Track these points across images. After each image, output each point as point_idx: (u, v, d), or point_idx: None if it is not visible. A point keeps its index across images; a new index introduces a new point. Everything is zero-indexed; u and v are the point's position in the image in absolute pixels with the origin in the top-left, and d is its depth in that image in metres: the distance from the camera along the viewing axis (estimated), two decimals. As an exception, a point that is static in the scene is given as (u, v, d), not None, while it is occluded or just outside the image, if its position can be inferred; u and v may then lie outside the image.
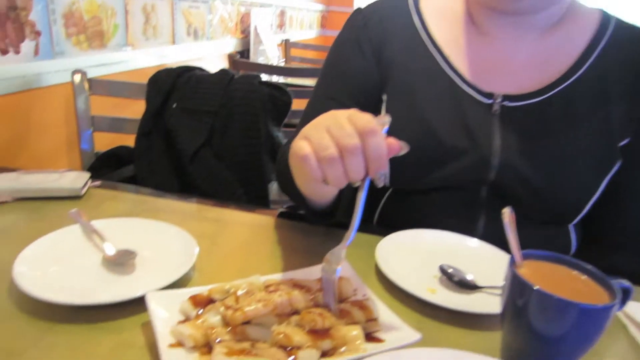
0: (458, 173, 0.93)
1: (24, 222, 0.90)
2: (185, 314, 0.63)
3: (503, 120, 0.93)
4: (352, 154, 0.60)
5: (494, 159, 0.91)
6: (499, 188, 0.93)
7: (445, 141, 0.93)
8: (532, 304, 0.56)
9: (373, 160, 0.61)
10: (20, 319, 0.63)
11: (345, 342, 0.59)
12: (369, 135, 0.60)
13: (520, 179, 0.91)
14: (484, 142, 0.92)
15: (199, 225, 0.93)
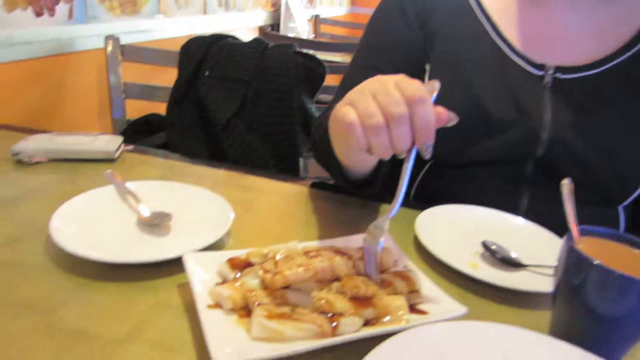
0: (504, 147, 0.89)
1: (58, 182, 0.90)
2: (222, 276, 0.61)
3: (555, 93, 0.88)
4: (399, 123, 0.57)
5: (544, 133, 0.87)
6: (546, 164, 0.89)
7: (491, 113, 0.88)
8: (591, 281, 0.52)
9: (420, 130, 0.57)
10: (57, 275, 0.63)
11: (388, 312, 0.57)
12: (417, 103, 0.57)
13: (570, 155, 0.86)
14: (533, 116, 0.87)
15: (233, 191, 0.91)
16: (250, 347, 0.50)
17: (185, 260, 0.60)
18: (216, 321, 0.53)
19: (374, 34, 1.03)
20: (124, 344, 0.52)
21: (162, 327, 0.55)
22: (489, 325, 0.54)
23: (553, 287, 0.58)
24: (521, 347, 0.52)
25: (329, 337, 0.52)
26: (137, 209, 0.77)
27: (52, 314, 0.55)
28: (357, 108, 0.58)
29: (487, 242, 0.77)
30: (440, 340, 0.51)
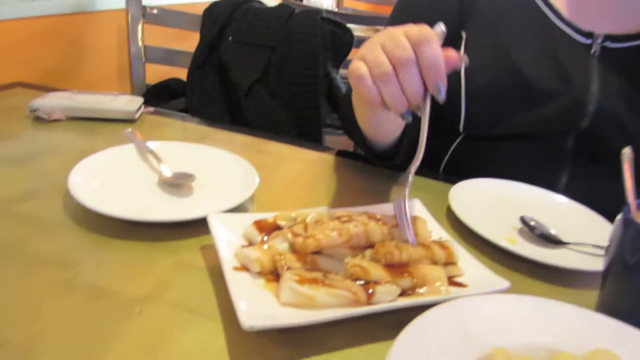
0: (545, 119, 0.84)
1: (77, 140, 0.86)
2: (249, 239, 0.57)
3: (603, 63, 0.82)
4: (406, 66, 0.54)
5: (590, 105, 0.81)
6: (589, 138, 0.83)
7: (534, 82, 0.83)
8: None
9: (428, 69, 0.54)
10: (74, 231, 0.60)
11: (426, 282, 0.53)
12: (422, 44, 0.54)
13: (617, 128, 0.80)
14: (579, 86, 0.82)
15: (256, 156, 0.87)
16: (279, 312, 0.46)
17: (210, 220, 0.57)
18: (243, 284, 0.49)
19: (407, 1, 0.97)
20: (144, 304, 0.49)
21: (183, 288, 0.52)
22: (534, 299, 0.49)
23: (604, 265, 0.54)
24: (570, 321, 0.48)
25: (363, 305, 0.48)
26: (158, 168, 0.74)
27: (69, 270, 0.52)
28: (367, 60, 0.57)
29: (526, 217, 0.73)
30: (483, 313, 0.47)
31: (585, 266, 0.63)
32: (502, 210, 0.77)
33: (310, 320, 0.44)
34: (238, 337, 0.46)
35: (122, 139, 0.81)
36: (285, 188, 0.78)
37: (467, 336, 0.44)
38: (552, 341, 0.45)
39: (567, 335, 0.46)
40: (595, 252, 0.67)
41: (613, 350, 0.43)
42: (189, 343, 0.45)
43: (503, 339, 0.45)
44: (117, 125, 0.93)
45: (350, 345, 0.47)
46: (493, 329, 0.46)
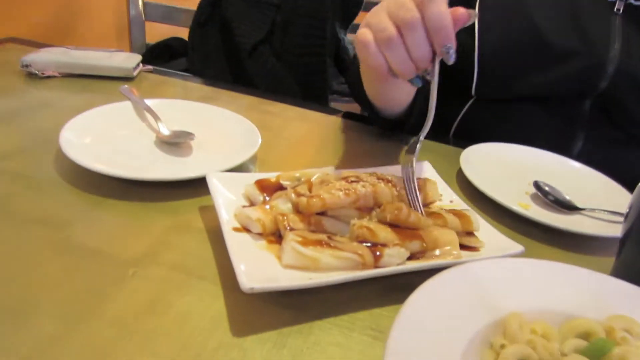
0: (562, 80, 0.80)
1: (72, 98, 0.83)
2: (250, 199, 0.54)
3: (626, 21, 0.77)
4: (411, 28, 0.51)
5: (610, 65, 0.77)
6: (607, 101, 0.79)
7: (551, 40, 0.78)
8: None
9: (435, 30, 0.51)
10: (66, 191, 0.57)
11: (436, 246, 0.50)
12: (427, 4, 0.50)
13: (637, 90, 0.77)
14: (600, 46, 0.77)
15: (259, 117, 0.84)
16: (282, 274, 0.44)
17: (209, 179, 0.54)
18: (243, 245, 0.46)
19: None
20: (139, 266, 0.46)
21: (181, 250, 0.49)
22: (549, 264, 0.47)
23: (622, 231, 0.51)
24: (587, 286, 0.45)
25: (370, 268, 0.46)
26: (156, 126, 0.70)
27: (60, 231, 0.50)
28: (371, 25, 0.53)
29: (540, 182, 0.70)
30: (496, 277, 0.44)
31: (600, 232, 0.60)
32: (515, 175, 0.74)
33: (314, 282, 0.42)
34: (238, 300, 0.43)
35: (118, 97, 0.77)
36: (290, 149, 0.75)
37: (480, 300, 0.42)
38: (567, 306, 0.43)
39: (582, 300, 0.44)
40: (611, 219, 0.65)
41: (630, 314, 0.41)
42: (186, 306, 0.42)
43: (517, 303, 0.42)
44: (114, 83, 0.89)
45: (356, 309, 0.45)
46: (507, 292, 0.43)
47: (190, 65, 1.29)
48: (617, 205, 0.65)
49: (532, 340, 0.38)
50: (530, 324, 0.40)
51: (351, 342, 0.41)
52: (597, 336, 0.39)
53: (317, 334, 0.41)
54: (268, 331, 0.41)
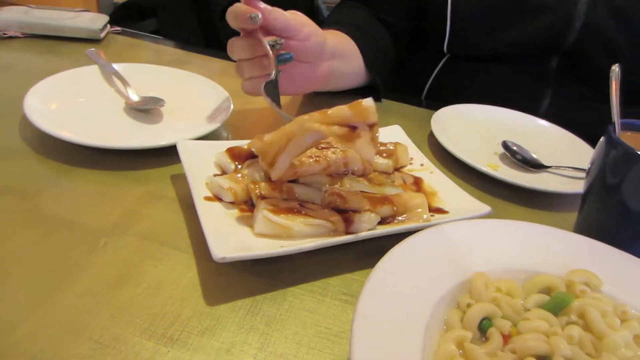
0: (532, 36, 0.80)
1: (36, 60, 0.80)
2: (221, 168, 0.54)
3: None
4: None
5: (577, 20, 0.78)
6: (574, 57, 0.80)
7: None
8: (632, 176, 0.47)
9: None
10: (32, 159, 0.55)
11: (406, 209, 0.51)
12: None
13: (603, 43, 0.78)
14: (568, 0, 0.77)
15: (231, 82, 0.81)
16: (254, 243, 0.44)
17: (179, 147, 0.53)
18: (215, 215, 0.46)
19: None
20: (110, 236, 0.46)
21: (153, 219, 0.49)
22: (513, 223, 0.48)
23: (585, 186, 0.53)
24: (549, 243, 0.47)
25: (342, 235, 0.46)
26: (124, 92, 0.69)
27: (27, 200, 0.49)
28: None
29: (508, 142, 0.71)
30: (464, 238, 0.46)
31: (564, 189, 0.63)
32: (485, 136, 0.76)
33: (286, 250, 0.42)
34: (211, 269, 0.44)
35: (85, 60, 0.75)
36: (262, 115, 0.74)
37: (447, 261, 0.43)
38: (531, 263, 0.45)
39: (546, 257, 0.46)
40: (576, 175, 0.67)
41: (592, 269, 0.43)
42: (158, 276, 0.42)
43: (482, 263, 0.44)
44: (80, 45, 0.86)
45: (328, 274, 0.46)
46: (472, 253, 0.45)
47: (161, 26, 1.25)
48: (583, 161, 0.67)
49: (497, 298, 0.39)
50: (495, 283, 0.42)
51: (323, 307, 0.42)
52: (558, 290, 0.41)
53: (290, 300, 0.42)
54: (242, 299, 0.41)
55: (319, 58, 0.67)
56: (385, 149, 0.60)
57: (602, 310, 0.38)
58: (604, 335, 0.36)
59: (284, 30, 0.60)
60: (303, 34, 0.62)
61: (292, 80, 0.65)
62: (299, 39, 0.62)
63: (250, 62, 0.62)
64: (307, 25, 0.63)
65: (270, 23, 0.58)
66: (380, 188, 0.54)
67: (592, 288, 0.42)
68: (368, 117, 0.46)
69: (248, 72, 0.63)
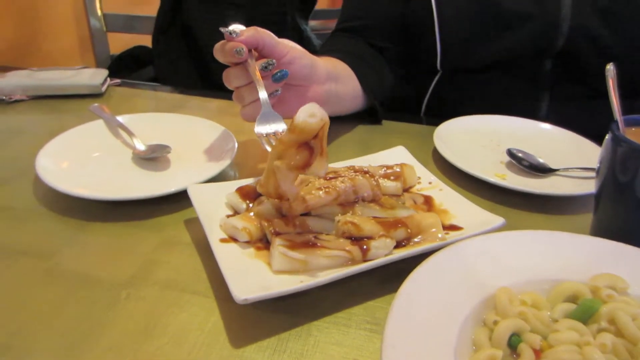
0: (520, 43, 0.81)
1: (42, 121, 0.82)
2: (233, 208, 0.55)
3: None
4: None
5: (564, 24, 0.79)
6: (566, 59, 0.81)
7: (504, 6, 0.80)
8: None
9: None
10: (49, 218, 0.56)
11: (420, 230, 0.51)
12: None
13: (593, 44, 0.78)
14: (552, 5, 0.79)
15: (232, 120, 0.83)
16: (273, 280, 0.44)
17: (190, 192, 0.54)
18: (232, 256, 0.47)
19: None
20: (131, 287, 0.46)
21: (171, 266, 0.49)
22: (531, 233, 0.48)
23: (596, 187, 0.53)
24: (569, 250, 0.47)
25: (360, 263, 0.46)
26: (131, 143, 0.70)
27: (48, 260, 0.50)
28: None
29: (513, 149, 0.71)
30: (482, 254, 0.46)
31: (575, 191, 0.62)
32: (489, 146, 0.76)
33: (306, 285, 0.43)
34: (233, 311, 0.44)
35: (89, 115, 0.77)
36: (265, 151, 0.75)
37: (468, 280, 0.43)
38: (553, 272, 0.45)
39: (568, 264, 0.45)
40: (585, 175, 0.67)
41: (615, 272, 0.43)
42: (182, 323, 0.43)
43: (505, 277, 0.44)
44: (84, 101, 0.88)
45: (350, 304, 0.45)
46: (494, 269, 0.45)
47: (157, 72, 1.27)
48: (590, 161, 0.67)
49: (523, 312, 0.39)
50: (519, 296, 0.41)
51: (349, 339, 0.42)
52: (584, 297, 0.41)
53: (315, 334, 0.42)
54: (267, 338, 0.41)
55: (308, 81, 0.68)
56: (392, 172, 0.60)
57: (632, 313, 0.38)
58: (638, 340, 0.36)
59: (269, 53, 0.62)
60: (290, 55, 0.64)
61: (285, 103, 0.67)
62: (284, 62, 0.63)
63: (249, 87, 0.63)
64: (293, 48, 0.65)
65: (257, 45, 0.61)
66: (392, 211, 0.54)
67: (619, 291, 0.42)
68: (308, 131, 0.46)
69: (248, 97, 0.63)
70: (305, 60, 0.66)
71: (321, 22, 1.48)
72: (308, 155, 0.47)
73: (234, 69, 0.63)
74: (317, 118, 0.46)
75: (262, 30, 0.62)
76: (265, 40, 0.61)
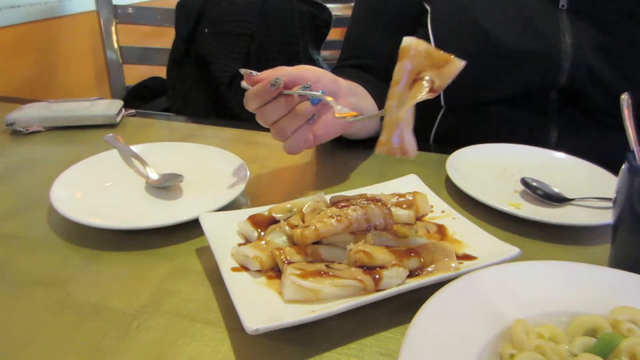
0: (522, 80, 0.82)
1: (58, 151, 0.83)
2: (245, 236, 0.55)
3: (572, 15, 0.80)
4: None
5: (565, 61, 0.79)
6: (571, 92, 0.81)
7: (505, 45, 0.80)
8: None
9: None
10: (62, 247, 0.57)
11: (434, 260, 0.50)
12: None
13: (595, 80, 0.79)
14: (551, 42, 0.79)
15: (244, 149, 0.84)
16: (285, 310, 0.44)
17: (202, 221, 0.54)
18: (243, 285, 0.47)
19: None
20: (142, 317, 0.46)
21: (182, 296, 0.49)
22: (548, 264, 0.48)
23: (613, 218, 0.52)
24: (587, 281, 0.46)
25: (372, 292, 0.46)
26: (144, 172, 0.71)
27: (60, 289, 0.50)
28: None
29: (527, 178, 0.71)
30: (497, 284, 0.45)
31: (592, 221, 0.61)
32: (502, 175, 0.75)
33: (318, 315, 0.42)
34: (244, 341, 0.43)
35: (104, 146, 0.78)
36: (278, 178, 0.76)
37: (483, 311, 0.42)
38: (570, 304, 0.44)
39: (585, 296, 0.45)
40: (601, 205, 0.66)
41: (636, 305, 0.42)
42: (192, 353, 0.42)
43: (522, 309, 0.43)
44: (99, 132, 0.89)
45: (362, 335, 0.45)
46: (509, 299, 0.44)
47: (171, 103, 1.30)
48: (605, 190, 0.66)
49: (541, 346, 0.38)
50: (536, 329, 0.40)
51: (361, 370, 0.41)
52: (604, 331, 0.40)
53: (327, 366, 0.41)
54: (278, 369, 0.41)
55: (336, 95, 0.68)
56: (405, 200, 0.60)
57: (652, 348, 0.37)
58: (659, 374, 0.34)
59: (295, 82, 0.62)
60: (314, 77, 0.64)
61: (319, 124, 0.67)
62: (312, 82, 0.63)
63: (289, 116, 0.62)
64: (313, 69, 0.65)
65: (283, 76, 0.61)
66: (404, 240, 0.53)
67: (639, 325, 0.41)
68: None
69: (290, 127, 0.63)
70: (329, 76, 0.67)
71: (333, 51, 1.51)
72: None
73: (270, 104, 0.62)
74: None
75: (278, 67, 0.63)
76: (285, 71, 0.62)
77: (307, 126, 0.65)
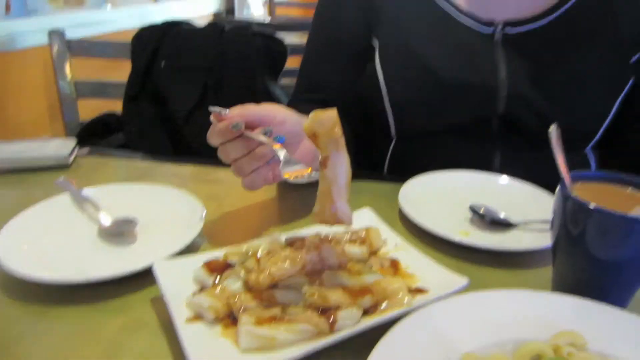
0: (465, 111, 0.86)
1: (6, 197, 0.81)
2: (200, 283, 0.54)
3: (507, 49, 0.84)
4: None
5: (502, 91, 0.84)
6: (510, 120, 0.85)
7: (446, 79, 0.85)
8: (591, 227, 0.49)
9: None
10: (8, 305, 0.54)
11: (386, 296, 0.51)
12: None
13: (530, 109, 0.84)
14: (489, 74, 0.84)
15: (202, 187, 0.84)
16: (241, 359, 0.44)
17: (155, 270, 0.53)
18: (198, 336, 0.46)
19: (320, 16, 0.99)
20: (94, 376, 0.45)
21: (136, 351, 0.48)
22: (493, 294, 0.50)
23: (552, 241, 0.55)
24: (530, 308, 0.49)
25: (327, 335, 0.46)
26: (96, 217, 0.69)
27: (5, 351, 0.48)
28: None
29: (475, 206, 0.73)
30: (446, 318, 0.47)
31: (536, 245, 0.64)
32: (453, 202, 0.78)
33: (274, 364, 0.42)
34: (199, 395, 0.43)
35: (56, 188, 0.76)
36: (237, 218, 0.75)
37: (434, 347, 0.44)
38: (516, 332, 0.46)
39: (529, 323, 0.47)
40: (544, 228, 0.68)
41: (575, 327, 0.45)
42: (146, 412, 0.41)
43: (471, 340, 0.45)
44: (51, 174, 0.87)
45: (321, 378, 0.45)
46: (459, 332, 0.46)
47: (127, 139, 1.28)
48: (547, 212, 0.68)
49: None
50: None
51: (319, 417, 0.41)
52: (547, 356, 0.42)
53: (284, 416, 0.41)
54: None
55: (300, 137, 0.71)
56: (357, 237, 0.61)
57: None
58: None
59: (261, 121, 0.64)
60: (280, 118, 0.66)
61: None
62: (276, 123, 0.65)
63: (249, 157, 0.64)
64: (280, 109, 0.68)
65: (247, 119, 0.63)
66: (359, 277, 0.54)
67: (579, 348, 0.43)
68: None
69: (248, 167, 0.65)
70: (294, 118, 0.69)
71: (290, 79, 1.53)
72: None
73: (231, 143, 0.64)
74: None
75: (246, 105, 0.64)
76: (252, 110, 0.64)
77: (266, 166, 0.66)
